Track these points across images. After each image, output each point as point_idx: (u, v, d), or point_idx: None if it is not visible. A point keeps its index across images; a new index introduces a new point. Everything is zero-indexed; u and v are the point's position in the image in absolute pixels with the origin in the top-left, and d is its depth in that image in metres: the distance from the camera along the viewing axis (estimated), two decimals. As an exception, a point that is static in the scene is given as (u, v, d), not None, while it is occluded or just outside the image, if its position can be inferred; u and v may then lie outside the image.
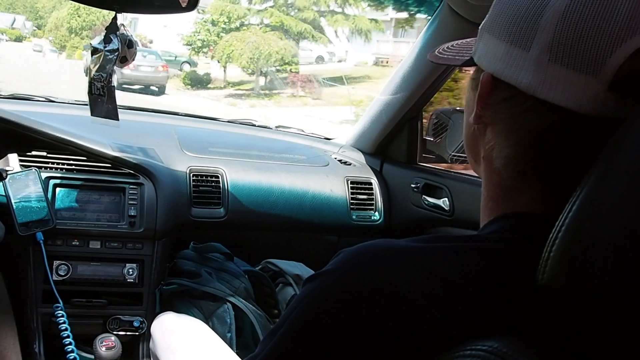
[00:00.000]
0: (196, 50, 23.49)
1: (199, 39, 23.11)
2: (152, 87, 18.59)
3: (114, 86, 1.49)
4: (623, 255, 0.47)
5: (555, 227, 0.53)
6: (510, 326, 0.56)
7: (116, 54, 1.44)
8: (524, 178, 0.65)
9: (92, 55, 1.47)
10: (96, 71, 1.47)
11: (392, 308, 0.57)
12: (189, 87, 21.04)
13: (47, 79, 16.95)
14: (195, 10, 1.43)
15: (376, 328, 0.57)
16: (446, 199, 1.85)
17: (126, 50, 1.47)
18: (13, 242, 1.64)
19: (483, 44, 0.67)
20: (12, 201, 1.62)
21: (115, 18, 1.44)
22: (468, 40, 0.79)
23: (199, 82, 21.52)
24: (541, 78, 0.59)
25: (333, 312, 0.59)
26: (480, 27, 0.69)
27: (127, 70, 16.62)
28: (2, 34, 57.53)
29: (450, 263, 0.60)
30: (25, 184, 1.66)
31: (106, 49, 1.45)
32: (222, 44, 21.04)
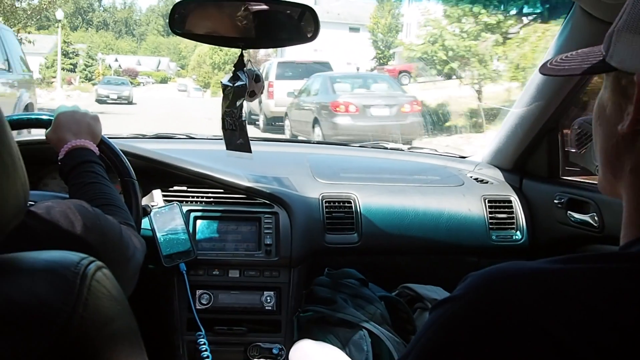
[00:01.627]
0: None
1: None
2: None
3: (244, 120, 1.54)
4: None
5: None
6: None
7: (244, 89, 1.49)
8: None
9: (223, 92, 1.54)
10: (227, 107, 1.53)
11: (528, 339, 0.51)
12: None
13: (191, 116, 18.01)
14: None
15: (508, 358, 0.52)
16: (594, 214, 1.71)
17: (254, 84, 1.52)
18: (159, 274, 1.74)
19: (624, 44, 0.61)
20: (157, 234, 1.72)
21: (241, 55, 1.49)
22: (584, 50, 0.71)
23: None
24: None
25: (462, 341, 0.55)
26: (613, 29, 0.63)
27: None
28: (149, 77, 61.62)
29: (594, 287, 0.53)
30: (169, 218, 1.76)
31: (235, 85, 1.50)
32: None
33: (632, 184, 0.64)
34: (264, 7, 1.43)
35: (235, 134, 1.56)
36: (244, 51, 1.48)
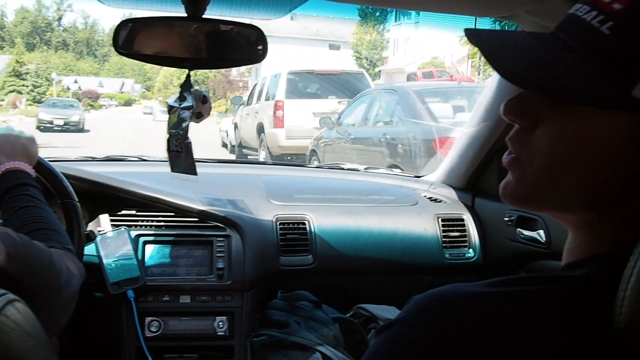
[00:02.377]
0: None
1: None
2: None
3: (190, 142, 1.51)
4: None
5: (629, 262, 0.48)
6: None
7: (190, 110, 1.47)
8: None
9: (168, 113, 1.51)
10: (172, 128, 1.50)
11: None
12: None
13: (154, 141, 17.06)
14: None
15: None
16: (542, 230, 1.73)
17: (201, 106, 1.50)
18: (106, 302, 1.69)
19: None
20: (104, 261, 1.67)
21: (188, 76, 1.47)
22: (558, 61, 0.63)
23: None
24: None
25: None
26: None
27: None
28: (111, 99, 59.12)
29: (527, 311, 0.53)
30: (117, 244, 1.71)
31: (181, 106, 1.48)
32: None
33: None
34: (211, 27, 1.42)
35: (180, 156, 1.53)
36: (190, 72, 1.47)
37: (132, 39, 1.42)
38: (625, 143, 0.55)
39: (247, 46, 1.45)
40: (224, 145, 15.15)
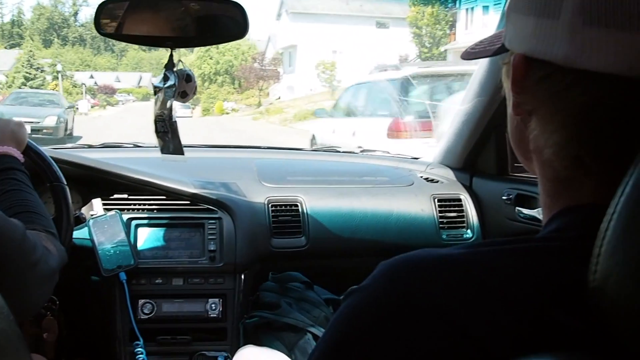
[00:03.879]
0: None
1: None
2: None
3: (175, 122, 1.50)
4: None
5: (606, 215, 0.45)
6: (571, 336, 0.48)
7: (173, 89, 1.46)
8: (579, 165, 0.56)
9: (154, 94, 1.50)
10: (158, 109, 1.49)
11: (428, 325, 0.50)
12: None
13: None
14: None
15: (411, 348, 0.50)
16: (540, 208, 1.69)
17: (184, 84, 1.48)
18: (100, 284, 1.70)
19: (511, 24, 0.60)
20: (97, 244, 1.67)
21: (171, 55, 1.45)
22: (497, 32, 0.72)
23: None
24: (578, 46, 0.51)
25: (365, 331, 0.53)
26: (506, 8, 0.62)
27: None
28: (129, 94, 57.93)
29: (493, 268, 0.52)
30: (109, 227, 1.71)
31: (165, 86, 1.47)
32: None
33: (537, 165, 0.63)
34: (192, 5, 1.40)
35: (167, 137, 1.52)
36: (173, 50, 1.45)
37: (113, 19, 1.41)
38: (506, 87, 0.62)
39: (229, 23, 1.43)
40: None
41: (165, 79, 1.47)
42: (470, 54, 0.74)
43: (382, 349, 0.51)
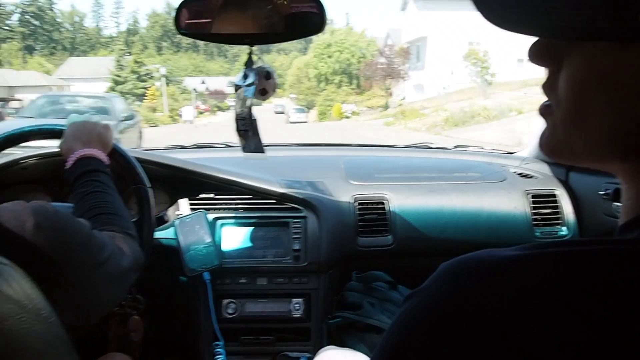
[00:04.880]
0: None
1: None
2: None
3: (255, 120, 1.49)
4: None
5: None
6: (629, 344, 0.42)
7: (253, 87, 1.45)
8: None
9: (235, 92, 1.50)
10: (239, 108, 1.49)
11: (481, 329, 0.45)
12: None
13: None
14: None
15: (464, 352, 0.46)
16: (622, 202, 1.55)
17: (264, 82, 1.47)
18: (186, 284, 1.72)
19: None
20: (182, 244, 1.69)
21: (250, 53, 1.45)
22: None
23: None
24: None
25: (421, 334, 0.49)
26: None
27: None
28: None
29: (558, 273, 0.46)
30: (194, 226, 1.73)
31: (244, 84, 1.46)
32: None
33: None
34: (268, 1, 1.39)
35: (248, 135, 1.52)
36: (252, 48, 1.44)
37: (193, 18, 1.42)
38: None
39: (306, 18, 1.41)
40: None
41: (245, 76, 1.46)
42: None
43: (436, 353, 0.47)
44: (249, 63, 1.46)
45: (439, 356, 0.46)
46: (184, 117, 36.42)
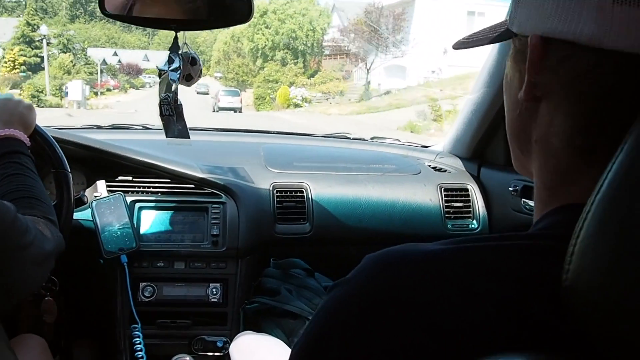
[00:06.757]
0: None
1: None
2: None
3: (181, 105, 1.49)
4: None
5: (582, 214, 0.44)
6: (552, 335, 0.47)
7: (178, 72, 1.45)
8: (588, 156, 0.55)
9: (159, 76, 1.49)
10: (163, 92, 1.48)
11: (405, 319, 0.50)
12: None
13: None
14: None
15: (387, 342, 0.50)
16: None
17: (189, 67, 1.47)
18: (103, 267, 1.70)
19: (522, 8, 0.59)
20: (99, 226, 1.67)
21: (176, 37, 1.44)
22: (494, 24, 0.70)
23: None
24: (606, 25, 0.49)
25: (345, 324, 0.53)
26: None
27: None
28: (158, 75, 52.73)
29: (474, 265, 0.51)
30: (112, 209, 1.71)
31: (169, 69, 1.46)
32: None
33: (538, 157, 0.61)
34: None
35: (172, 120, 1.51)
36: (177, 33, 1.44)
37: (118, 0, 1.40)
38: (512, 73, 0.62)
39: (233, 6, 1.41)
40: None
41: (170, 61, 1.46)
42: (463, 44, 0.72)
43: (359, 342, 0.51)
44: (174, 47, 1.46)
45: (362, 343, 0.50)
46: (71, 95, 28.16)
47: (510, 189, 1.81)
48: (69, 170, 1.45)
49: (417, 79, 25.50)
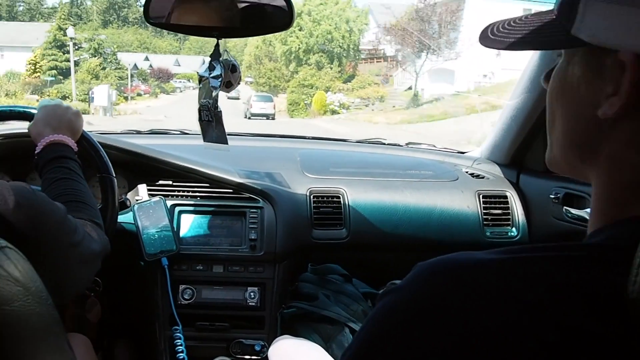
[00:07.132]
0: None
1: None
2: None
3: (220, 111, 1.51)
4: None
5: None
6: (608, 347, 0.46)
7: (219, 79, 1.47)
8: None
9: (199, 82, 1.52)
10: (203, 98, 1.51)
11: (456, 328, 0.49)
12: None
13: None
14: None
15: (437, 350, 0.50)
16: (590, 209, 1.64)
17: (230, 75, 1.49)
18: (144, 269, 1.73)
19: (596, 15, 0.54)
20: (141, 229, 1.70)
21: (217, 45, 1.46)
22: (530, 16, 0.66)
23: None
24: None
25: (397, 331, 0.53)
26: None
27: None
28: (189, 80, 46.84)
29: (531, 277, 0.50)
30: (153, 212, 1.74)
31: (210, 75, 1.48)
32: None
33: (607, 171, 0.59)
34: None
35: (211, 126, 1.53)
36: (219, 41, 1.46)
37: (162, 8, 1.43)
38: (584, 84, 0.58)
39: (274, 14, 1.43)
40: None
41: (211, 68, 1.48)
42: (498, 43, 0.66)
43: (412, 350, 0.51)
44: (215, 55, 1.48)
45: (415, 351, 0.50)
46: (97, 101, 26.33)
47: (551, 196, 1.79)
48: (114, 175, 1.49)
49: (467, 84, 23.89)
